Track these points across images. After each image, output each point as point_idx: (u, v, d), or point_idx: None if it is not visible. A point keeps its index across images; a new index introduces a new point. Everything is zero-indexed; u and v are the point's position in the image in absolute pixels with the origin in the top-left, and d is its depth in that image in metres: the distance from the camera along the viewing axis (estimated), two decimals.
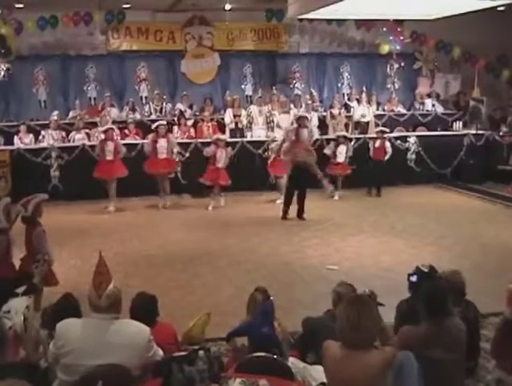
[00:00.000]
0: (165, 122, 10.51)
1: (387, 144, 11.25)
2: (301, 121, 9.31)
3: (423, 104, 14.10)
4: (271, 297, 3.80)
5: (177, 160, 10.63)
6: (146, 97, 13.72)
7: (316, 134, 11.86)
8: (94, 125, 11.68)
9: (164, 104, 13.03)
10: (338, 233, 8.14)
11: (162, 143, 9.95)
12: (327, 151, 11.07)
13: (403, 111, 13.89)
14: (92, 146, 10.62)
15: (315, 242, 7.74)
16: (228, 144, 10.46)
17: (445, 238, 7.77)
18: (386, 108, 13.96)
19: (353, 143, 11.39)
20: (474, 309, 4.16)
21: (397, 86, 14.74)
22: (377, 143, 11.21)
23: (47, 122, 11.55)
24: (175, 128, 11.50)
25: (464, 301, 4.11)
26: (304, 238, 7.95)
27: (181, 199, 10.75)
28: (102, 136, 10.21)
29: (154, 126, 10.24)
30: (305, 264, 6.79)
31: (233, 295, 5.68)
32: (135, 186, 10.15)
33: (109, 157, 9.81)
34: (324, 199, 10.33)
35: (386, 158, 11.15)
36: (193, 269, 6.61)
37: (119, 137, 11.14)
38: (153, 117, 12.72)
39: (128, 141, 11.14)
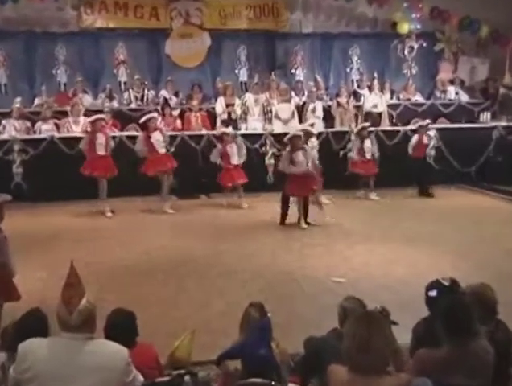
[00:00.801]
0: (155, 114, 10.55)
1: (431, 135, 11.37)
2: (295, 141, 8.79)
3: (444, 92, 14.16)
4: (268, 314, 3.81)
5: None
6: (124, 83, 13.73)
7: (321, 127, 11.92)
8: (64, 114, 11.65)
9: (146, 91, 13.04)
10: (345, 240, 8.17)
11: (157, 137, 9.97)
12: (352, 154, 11.08)
13: (421, 100, 13.96)
14: (63, 139, 10.63)
15: (319, 250, 7.77)
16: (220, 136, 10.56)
17: (467, 246, 7.80)
18: (401, 96, 14.03)
19: (373, 136, 11.42)
20: (505, 328, 4.12)
21: (414, 71, 14.81)
22: (425, 138, 11.33)
23: (8, 110, 11.45)
24: (159, 118, 11.51)
25: (494, 319, 4.08)
26: (307, 245, 7.98)
27: (167, 200, 10.77)
28: (89, 128, 10.20)
29: (142, 120, 10.24)
30: (308, 275, 6.81)
31: (225, 311, 5.69)
32: (114, 185, 10.16)
33: (101, 151, 9.81)
34: (337, 203, 10.39)
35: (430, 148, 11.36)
36: (179, 281, 6.61)
37: (113, 129, 11.17)
38: (133, 105, 12.73)
39: None
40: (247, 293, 6.03)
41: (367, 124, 11.56)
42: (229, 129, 10.84)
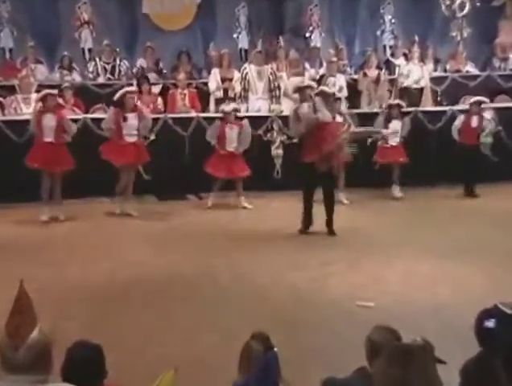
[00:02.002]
0: (134, 88, 10.55)
1: (488, 118, 11.44)
2: (301, 93, 9.38)
3: (505, 60, 14.17)
4: (275, 348, 3.81)
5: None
6: (89, 50, 13.77)
7: (343, 107, 11.92)
8: (10, 90, 11.66)
9: (118, 60, 13.10)
10: (375, 254, 8.17)
11: (131, 120, 9.98)
12: (377, 131, 11.09)
13: (475, 71, 13.99)
14: (9, 122, 10.65)
15: (341, 267, 7.77)
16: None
17: None
18: (448, 67, 14.07)
19: (407, 117, 11.50)
20: None
21: (466, 34, 14.78)
22: (474, 121, 11.32)
23: None
24: (144, 109, 11.53)
25: None
26: (326, 260, 7.97)
27: (144, 202, 10.83)
28: (38, 105, 10.12)
29: (117, 96, 10.24)
30: (326, 298, 6.81)
31: (219, 344, 5.69)
32: (76, 182, 10.20)
33: (49, 137, 9.75)
34: (365, 204, 10.38)
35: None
36: (160, 306, 6.61)
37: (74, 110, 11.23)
38: (101, 80, 12.79)
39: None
40: (247, 321, 5.99)
41: (396, 101, 11.60)
42: (232, 106, 10.87)
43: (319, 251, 8.37)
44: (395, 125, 11.17)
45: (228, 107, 10.84)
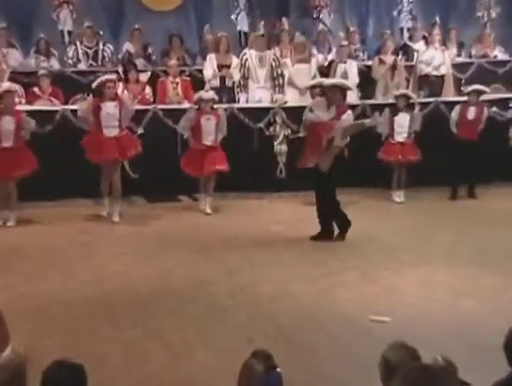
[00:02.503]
0: (114, 76, 10.54)
1: (485, 113, 11.36)
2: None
3: None
4: (278, 369, 3.81)
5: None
6: (69, 33, 13.75)
7: (355, 97, 11.92)
8: None
9: (101, 45, 13.09)
10: (389, 262, 8.19)
11: (109, 110, 9.97)
12: (373, 123, 11.08)
13: (504, 57, 13.99)
14: None
15: (352, 277, 7.78)
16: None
17: None
18: (474, 52, 14.04)
19: (417, 110, 11.45)
20: None
21: (494, 14, 14.75)
22: (470, 112, 11.30)
23: None
24: (120, 85, 11.53)
25: None
26: (335, 270, 7.98)
27: (131, 204, 10.85)
28: None
29: (95, 84, 10.26)
30: (335, 312, 6.80)
31: (214, 364, 5.68)
32: (53, 182, 10.18)
33: (6, 142, 9.78)
34: (371, 206, 10.39)
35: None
36: (148, 322, 6.60)
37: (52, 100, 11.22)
38: (82, 66, 12.79)
39: (39, 106, 11.23)
40: (247, 338, 6.02)
41: (403, 91, 11.54)
42: (209, 94, 10.85)
43: (325, 259, 8.38)
44: (402, 118, 11.11)
45: (206, 94, 10.77)
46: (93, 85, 10.29)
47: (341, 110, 8.98)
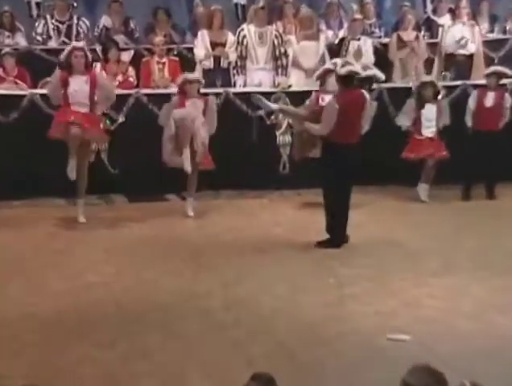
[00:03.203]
0: (82, 44, 10.51)
1: (508, 100, 11.36)
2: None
3: None
4: None
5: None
6: (38, 5, 13.74)
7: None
8: None
9: (75, 19, 13.06)
10: (409, 271, 8.21)
11: (76, 86, 9.90)
12: (401, 122, 11.14)
13: None
14: None
15: (365, 287, 7.80)
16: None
17: None
18: (509, 27, 14.03)
19: (440, 97, 11.49)
20: None
21: None
22: (488, 98, 11.34)
23: None
24: (98, 66, 11.57)
25: None
26: (346, 279, 8.00)
27: (110, 204, 10.94)
28: None
29: (63, 55, 10.24)
30: (346, 329, 6.80)
31: None
32: (16, 179, 10.23)
33: None
34: (389, 206, 10.51)
35: (501, 125, 11.36)
36: (132, 340, 6.60)
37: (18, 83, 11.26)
38: (53, 43, 12.78)
39: (2, 90, 11.25)
40: (245, 358, 6.03)
41: (429, 77, 11.56)
42: (195, 75, 10.89)
43: (335, 267, 8.42)
44: (429, 110, 11.17)
45: (192, 75, 10.82)
46: (61, 56, 10.31)
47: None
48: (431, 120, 11.21)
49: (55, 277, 8.17)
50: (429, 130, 11.22)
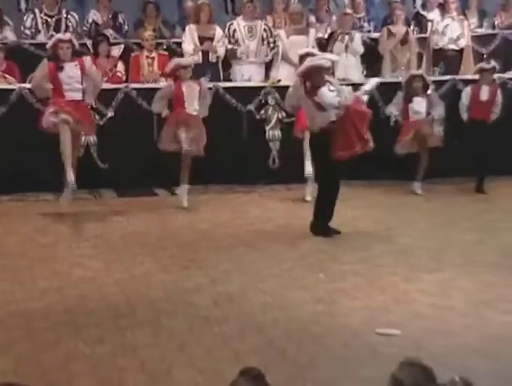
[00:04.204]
0: (68, 36, 10.44)
1: (499, 95, 11.35)
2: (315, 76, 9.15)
3: None
4: None
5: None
6: None
7: (359, 74, 11.93)
8: None
9: (64, 13, 13.01)
10: (401, 266, 8.20)
11: (70, 72, 9.85)
12: (389, 110, 11.12)
13: None
14: None
15: (355, 282, 7.79)
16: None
17: None
18: (497, 22, 14.04)
19: (429, 92, 11.51)
20: None
21: None
22: (483, 92, 11.34)
23: None
24: (89, 60, 11.45)
25: None
26: (336, 274, 7.99)
27: (99, 199, 10.90)
28: None
29: (50, 44, 10.22)
30: (336, 325, 6.79)
31: (197, 384, 5.67)
32: (4, 173, 10.18)
33: None
34: (379, 201, 10.47)
35: (494, 117, 11.36)
36: (120, 336, 6.57)
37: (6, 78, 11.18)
38: (41, 37, 12.72)
39: None
40: (234, 353, 6.03)
41: (419, 71, 11.52)
42: (189, 60, 10.86)
43: (325, 262, 8.39)
44: (418, 104, 11.17)
45: (185, 60, 10.80)
46: (47, 46, 10.30)
47: None
48: (418, 113, 11.22)
49: (42, 272, 8.14)
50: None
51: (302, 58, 10.11)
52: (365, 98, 9.57)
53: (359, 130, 9.03)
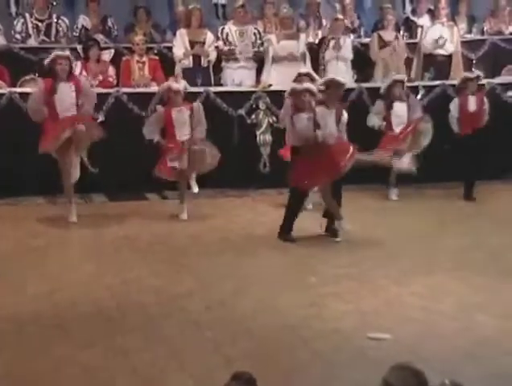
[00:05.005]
0: (66, 53, 10.38)
1: (486, 102, 11.38)
2: (297, 98, 9.24)
3: None
4: None
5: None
6: (17, 3, 13.65)
7: (350, 79, 11.93)
8: None
9: (55, 17, 13.00)
10: (391, 270, 8.21)
11: (64, 94, 9.81)
12: (373, 122, 11.08)
13: None
14: None
15: (347, 286, 7.79)
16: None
17: None
18: (486, 28, 14.07)
19: (420, 96, 11.50)
20: None
21: None
22: (471, 103, 11.32)
23: None
24: (78, 64, 11.49)
25: None
26: (327, 279, 7.99)
27: (90, 203, 10.89)
28: None
29: (47, 62, 10.14)
30: (327, 329, 6.79)
31: None
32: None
33: None
34: (369, 205, 10.49)
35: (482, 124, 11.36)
36: (111, 340, 6.56)
37: None
38: (32, 41, 12.70)
39: None
40: (225, 358, 6.03)
41: (401, 76, 11.52)
42: (180, 85, 10.80)
43: (316, 266, 8.40)
44: (399, 109, 11.13)
45: (176, 85, 10.67)
46: (45, 62, 10.20)
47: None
48: (400, 116, 11.17)
49: (34, 276, 8.12)
50: (400, 127, 11.15)
51: (300, 76, 10.20)
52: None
53: (332, 160, 9.03)
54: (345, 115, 9.39)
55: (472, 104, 11.34)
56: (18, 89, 11.14)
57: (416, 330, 6.69)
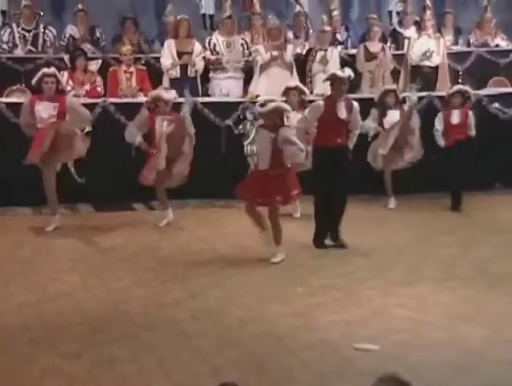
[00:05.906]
0: (52, 70, 10.36)
1: (471, 117, 11.38)
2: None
3: None
4: None
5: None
6: (3, 13, 13.70)
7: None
8: None
9: (41, 27, 13.00)
10: (378, 280, 8.21)
11: (44, 112, 9.81)
12: (369, 125, 11.11)
13: (507, 46, 14.13)
14: None
15: (333, 297, 7.78)
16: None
17: None
18: (472, 40, 14.14)
19: (407, 105, 11.55)
20: None
21: None
22: (454, 116, 11.36)
23: None
24: (65, 74, 11.46)
25: None
26: (314, 289, 7.98)
27: (76, 213, 10.84)
28: None
29: (35, 80, 10.14)
30: (314, 339, 6.77)
31: None
32: None
33: None
34: (359, 214, 10.46)
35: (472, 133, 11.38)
36: (98, 351, 6.53)
37: None
38: (19, 51, 12.72)
39: None
40: (212, 368, 6.00)
41: (392, 86, 11.65)
42: (171, 95, 10.78)
43: (303, 277, 8.39)
44: (392, 117, 11.21)
45: (167, 94, 10.67)
46: (34, 81, 10.18)
47: None
48: (394, 124, 11.24)
49: (19, 286, 8.10)
50: (392, 136, 11.21)
51: (288, 90, 10.23)
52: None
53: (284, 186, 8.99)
54: (356, 104, 9.43)
55: (455, 117, 11.36)
56: (5, 99, 11.16)
57: (403, 341, 6.67)
